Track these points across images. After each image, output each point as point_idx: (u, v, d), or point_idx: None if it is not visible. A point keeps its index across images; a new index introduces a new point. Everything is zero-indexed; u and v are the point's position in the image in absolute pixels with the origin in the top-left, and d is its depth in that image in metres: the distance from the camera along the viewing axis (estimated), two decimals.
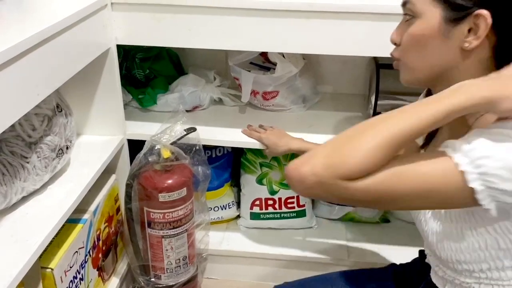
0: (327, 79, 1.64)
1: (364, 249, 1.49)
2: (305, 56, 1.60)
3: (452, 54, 0.71)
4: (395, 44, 0.79)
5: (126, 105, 1.47)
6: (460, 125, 0.73)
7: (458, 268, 0.77)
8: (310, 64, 1.54)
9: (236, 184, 1.59)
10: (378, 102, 1.40)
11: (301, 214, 1.53)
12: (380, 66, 1.40)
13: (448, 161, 0.63)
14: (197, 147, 1.26)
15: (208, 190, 1.48)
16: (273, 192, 1.49)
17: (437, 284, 0.85)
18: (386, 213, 1.58)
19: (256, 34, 1.15)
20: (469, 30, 0.69)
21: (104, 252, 1.26)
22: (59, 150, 1.03)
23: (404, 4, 0.76)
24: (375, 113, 1.41)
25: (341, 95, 1.63)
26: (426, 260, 0.93)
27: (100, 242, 1.23)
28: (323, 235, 1.55)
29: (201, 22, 1.14)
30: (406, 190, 0.65)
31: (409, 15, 0.74)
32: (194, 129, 1.24)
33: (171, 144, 1.19)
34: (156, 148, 1.16)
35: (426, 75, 0.76)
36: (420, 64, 0.75)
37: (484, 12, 0.66)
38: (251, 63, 1.47)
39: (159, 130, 1.25)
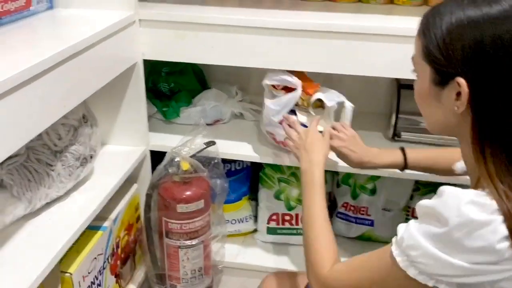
0: (348, 97, 1.65)
1: None
2: (327, 74, 1.62)
3: (450, 114, 0.71)
4: None
5: (150, 117, 1.52)
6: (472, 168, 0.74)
7: None
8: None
9: (255, 198, 1.61)
10: (398, 123, 1.40)
11: None
12: (401, 86, 1.40)
13: (390, 255, 0.73)
14: (216, 161, 1.29)
15: (226, 203, 1.51)
16: (290, 208, 1.50)
17: None
18: None
19: (276, 52, 1.18)
20: (458, 94, 0.68)
21: (122, 260, 1.29)
22: (83, 159, 1.07)
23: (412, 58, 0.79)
24: (395, 133, 1.41)
25: (362, 114, 1.63)
26: None
27: (119, 249, 1.27)
28: (340, 253, 1.54)
29: (223, 40, 1.18)
30: (368, 281, 0.76)
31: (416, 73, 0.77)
32: (213, 143, 1.27)
33: (191, 156, 1.22)
34: (175, 160, 1.19)
35: (441, 128, 0.77)
36: (430, 119, 0.78)
37: (461, 81, 0.66)
38: None
39: (180, 142, 1.28)
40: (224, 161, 1.51)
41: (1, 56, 0.85)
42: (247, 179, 1.56)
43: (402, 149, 1.14)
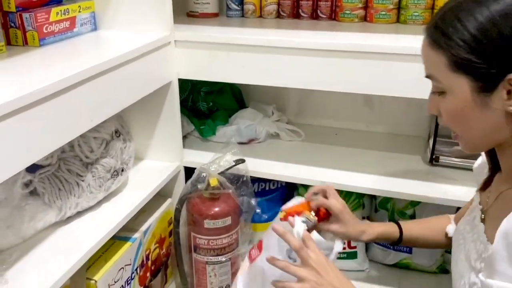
0: (389, 119, 1.62)
1: None
2: (367, 96, 1.60)
3: (497, 119, 0.68)
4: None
5: (188, 134, 1.57)
6: None
7: None
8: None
9: None
10: (436, 146, 1.35)
11: (352, 255, 1.50)
12: None
13: None
14: (244, 178, 1.30)
15: (259, 222, 1.51)
16: None
17: None
18: (445, 263, 1.50)
19: (307, 73, 1.19)
20: (509, 92, 0.65)
21: (152, 272, 1.33)
22: (114, 171, 1.13)
23: (427, 77, 0.74)
24: (432, 157, 1.36)
25: (402, 136, 1.60)
26: None
27: (149, 261, 1.30)
28: (375, 280, 1.50)
29: (254, 60, 1.20)
30: None
31: (439, 91, 0.72)
32: (242, 161, 1.28)
33: (219, 173, 1.25)
34: (203, 176, 1.22)
35: (485, 143, 0.74)
36: (472, 135, 0.72)
37: None
38: None
39: (211, 159, 1.31)
40: (260, 180, 1.52)
41: (40, 68, 0.93)
42: (281, 198, 1.55)
43: (395, 221, 1.08)
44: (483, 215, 0.81)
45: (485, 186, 0.85)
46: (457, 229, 0.91)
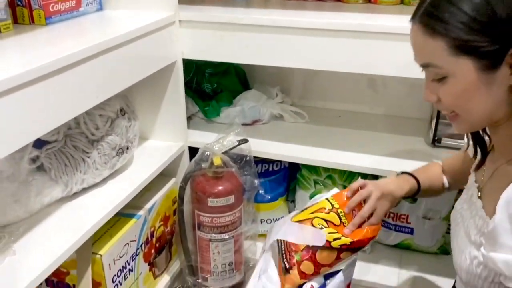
0: (392, 102, 1.63)
1: (416, 279, 1.43)
2: (371, 77, 1.61)
3: (501, 96, 0.69)
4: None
5: (193, 115, 1.59)
6: (510, 144, 0.73)
7: None
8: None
9: (294, 200, 1.62)
10: (439, 128, 1.36)
11: None
12: None
13: None
14: (248, 158, 1.32)
15: (262, 202, 1.53)
16: None
17: None
18: (445, 244, 1.51)
19: (310, 53, 1.19)
20: (511, 66, 0.67)
21: (157, 249, 1.35)
22: (119, 149, 1.14)
23: (424, 66, 0.74)
24: (434, 139, 1.37)
25: (405, 118, 1.61)
26: (456, 284, 0.90)
27: (154, 239, 1.33)
28: (376, 259, 1.51)
29: (257, 40, 1.21)
30: None
31: (439, 77, 0.72)
32: (246, 141, 1.30)
33: (223, 153, 1.26)
34: (206, 155, 1.24)
35: (484, 120, 0.74)
36: (474, 115, 0.73)
37: None
38: None
39: (215, 139, 1.33)
40: (262, 161, 1.54)
41: (46, 45, 0.95)
42: (284, 180, 1.57)
43: (408, 173, 1.07)
44: (479, 193, 0.82)
45: (478, 166, 0.87)
46: (455, 209, 0.93)
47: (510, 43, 0.65)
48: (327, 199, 1.00)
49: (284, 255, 0.95)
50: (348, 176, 1.47)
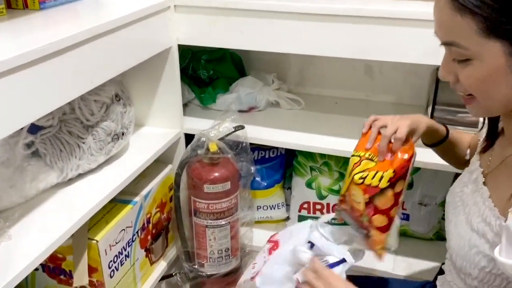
0: (389, 88, 1.63)
1: (411, 264, 1.44)
2: (367, 64, 1.60)
3: None
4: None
5: (189, 102, 1.58)
6: None
7: (467, 282, 0.74)
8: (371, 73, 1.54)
9: (290, 187, 1.62)
10: (435, 114, 1.36)
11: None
12: None
13: None
14: (244, 145, 1.32)
15: (259, 189, 1.54)
16: (321, 197, 1.50)
17: None
18: (441, 230, 1.52)
19: (307, 38, 1.19)
20: None
21: (153, 235, 1.36)
22: (114, 135, 1.14)
23: (447, 44, 0.68)
24: None
25: (402, 105, 1.60)
26: (443, 267, 0.90)
27: (150, 225, 1.33)
28: None
29: (252, 24, 1.20)
30: None
31: (461, 58, 0.67)
32: (242, 127, 1.30)
33: (219, 139, 1.26)
34: (202, 141, 1.24)
35: (502, 107, 0.71)
36: (496, 101, 0.69)
37: None
38: None
39: (211, 125, 1.32)
40: (259, 148, 1.54)
41: (40, 29, 0.94)
42: (281, 166, 1.57)
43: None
44: (484, 178, 0.80)
45: (485, 149, 0.85)
46: (452, 192, 0.91)
47: None
48: (352, 155, 0.97)
49: (356, 225, 0.94)
50: (344, 163, 1.47)
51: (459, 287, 0.80)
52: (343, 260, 0.91)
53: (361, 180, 0.90)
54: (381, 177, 0.88)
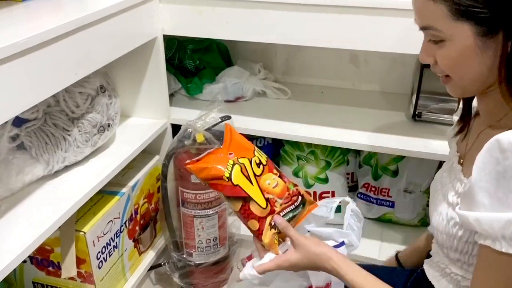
0: (374, 77, 1.64)
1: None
2: (353, 53, 1.61)
3: (495, 60, 0.70)
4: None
5: (175, 92, 1.58)
6: (498, 107, 0.74)
7: (450, 256, 0.77)
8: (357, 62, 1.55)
9: None
10: (419, 102, 1.37)
11: (336, 209, 1.54)
12: (425, 65, 1.36)
13: (499, 257, 0.64)
14: None
15: None
16: (308, 186, 1.52)
17: (429, 271, 0.86)
18: (426, 217, 1.55)
19: (292, 28, 1.19)
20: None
21: (141, 226, 1.36)
22: (100, 127, 1.14)
23: (424, 29, 0.75)
24: (415, 113, 1.38)
25: (387, 94, 1.62)
26: (430, 252, 0.93)
27: (138, 216, 1.34)
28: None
29: (238, 15, 1.20)
30: None
31: (437, 40, 0.73)
32: (228, 117, 1.30)
33: (206, 130, 1.26)
34: (188, 131, 1.24)
35: (478, 85, 0.75)
36: (469, 80, 0.74)
37: None
38: None
39: (197, 116, 1.32)
40: (246, 137, 1.54)
41: (22, 21, 0.94)
42: (268, 156, 1.58)
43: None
44: (461, 160, 0.85)
45: (460, 131, 0.89)
46: (434, 179, 0.95)
47: (506, 11, 0.66)
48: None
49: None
50: (330, 151, 1.48)
51: (445, 264, 0.83)
52: (342, 243, 0.97)
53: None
54: None
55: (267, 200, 0.98)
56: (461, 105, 0.88)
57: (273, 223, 0.97)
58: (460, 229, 0.76)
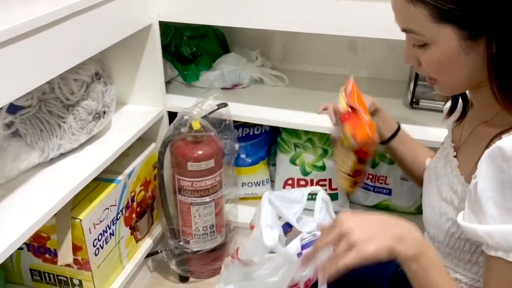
0: (372, 64, 1.63)
1: None
2: (351, 40, 1.60)
3: (481, 62, 0.68)
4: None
5: (172, 79, 1.57)
6: (490, 103, 0.72)
7: (441, 250, 0.77)
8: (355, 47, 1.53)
9: (275, 164, 1.64)
10: (417, 90, 1.37)
11: (333, 197, 1.54)
12: None
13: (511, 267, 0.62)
14: (227, 122, 1.32)
15: (243, 166, 1.54)
16: (305, 173, 1.52)
17: None
18: None
19: (290, 15, 1.18)
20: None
21: (138, 213, 1.36)
22: (95, 114, 1.13)
23: (405, 31, 0.72)
24: (413, 101, 1.38)
25: (385, 81, 1.61)
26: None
27: (135, 203, 1.33)
28: None
29: (235, 1, 1.19)
30: None
31: (420, 44, 0.70)
32: (225, 105, 1.29)
33: (202, 117, 1.26)
34: (185, 119, 1.23)
35: (465, 85, 0.74)
36: (455, 81, 0.73)
37: None
38: None
39: (194, 103, 1.32)
40: (244, 125, 1.54)
41: (15, 7, 0.91)
42: (265, 143, 1.58)
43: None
44: (455, 152, 0.84)
45: (450, 114, 0.89)
46: (428, 167, 0.94)
47: (487, 12, 0.64)
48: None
49: None
50: (327, 139, 1.48)
51: None
52: None
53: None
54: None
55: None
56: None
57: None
58: (452, 226, 0.75)
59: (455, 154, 0.83)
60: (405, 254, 0.64)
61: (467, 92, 0.86)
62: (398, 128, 1.08)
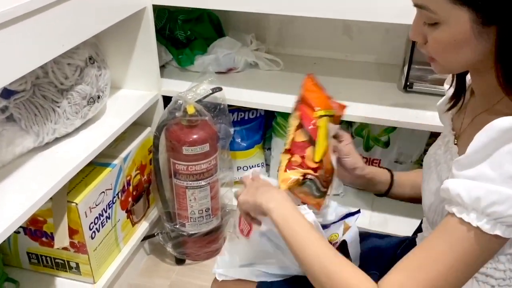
0: (367, 48, 1.63)
1: (387, 220, 1.49)
2: (346, 24, 1.60)
3: (488, 46, 0.68)
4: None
5: (167, 64, 1.57)
6: (492, 90, 0.72)
7: None
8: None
9: (270, 147, 1.64)
10: (411, 73, 1.37)
11: None
12: None
13: (461, 227, 0.64)
14: (222, 106, 1.32)
15: (238, 150, 1.55)
16: None
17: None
18: None
19: None
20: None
21: (134, 197, 1.38)
22: (90, 98, 1.14)
23: (419, 7, 0.71)
24: (407, 84, 1.38)
25: (380, 65, 1.61)
26: (422, 226, 0.94)
27: (131, 187, 1.34)
28: (349, 203, 1.56)
29: None
30: (440, 276, 0.65)
31: (431, 22, 0.70)
32: (219, 89, 1.30)
33: (197, 101, 1.26)
34: (179, 103, 1.24)
35: (463, 68, 0.74)
36: (457, 63, 0.72)
37: None
38: None
39: (188, 87, 1.32)
40: (238, 109, 1.54)
41: None
42: (260, 127, 1.58)
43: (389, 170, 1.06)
44: (456, 140, 0.84)
45: (453, 106, 0.88)
46: (428, 153, 0.94)
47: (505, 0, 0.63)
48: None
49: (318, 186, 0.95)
50: None
51: None
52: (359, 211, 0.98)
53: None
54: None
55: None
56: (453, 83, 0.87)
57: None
58: None
59: (456, 142, 0.83)
60: (267, 206, 0.79)
61: (467, 80, 0.86)
62: (391, 175, 1.04)
